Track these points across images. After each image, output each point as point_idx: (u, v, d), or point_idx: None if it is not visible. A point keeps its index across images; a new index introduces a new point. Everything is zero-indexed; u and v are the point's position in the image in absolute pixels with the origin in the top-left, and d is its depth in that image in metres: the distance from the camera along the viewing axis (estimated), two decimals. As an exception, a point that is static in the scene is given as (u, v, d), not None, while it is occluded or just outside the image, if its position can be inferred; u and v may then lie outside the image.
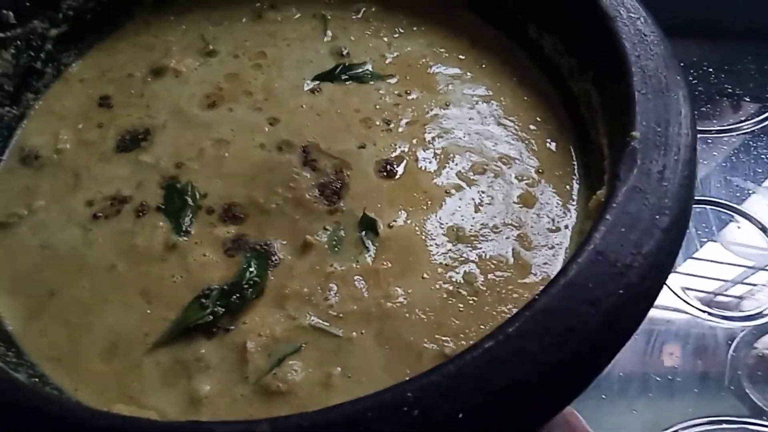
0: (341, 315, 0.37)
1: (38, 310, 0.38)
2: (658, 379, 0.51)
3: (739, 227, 0.61)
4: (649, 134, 0.33)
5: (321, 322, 0.37)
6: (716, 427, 0.49)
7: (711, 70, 0.71)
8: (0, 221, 0.42)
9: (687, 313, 0.56)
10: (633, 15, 0.39)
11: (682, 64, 0.73)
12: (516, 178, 0.43)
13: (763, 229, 0.60)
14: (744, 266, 0.60)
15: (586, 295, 0.27)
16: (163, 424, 0.24)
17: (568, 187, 0.42)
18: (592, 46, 0.41)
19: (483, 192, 0.42)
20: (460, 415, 0.24)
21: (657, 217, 0.30)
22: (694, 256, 0.59)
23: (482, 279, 0.38)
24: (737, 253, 0.61)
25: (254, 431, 0.24)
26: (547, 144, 0.45)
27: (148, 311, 0.38)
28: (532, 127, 0.46)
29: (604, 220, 0.29)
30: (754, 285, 0.59)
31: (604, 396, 0.50)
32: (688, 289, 0.57)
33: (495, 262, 0.39)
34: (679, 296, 0.57)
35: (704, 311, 0.56)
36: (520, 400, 0.25)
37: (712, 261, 0.59)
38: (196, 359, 0.36)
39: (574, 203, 0.42)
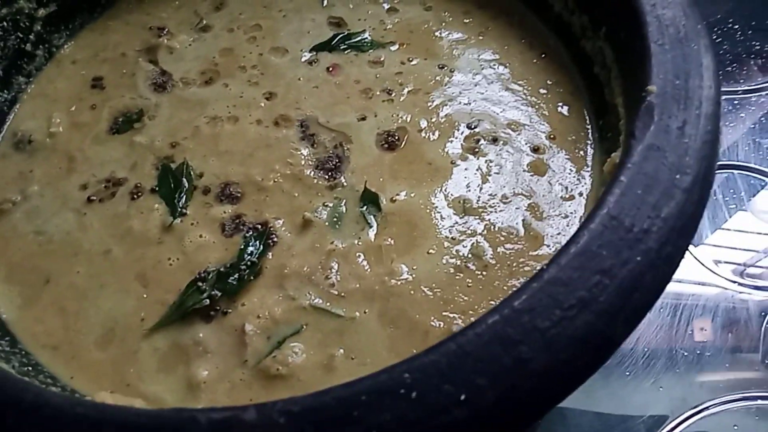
0: (343, 294, 0.35)
1: (33, 297, 0.37)
2: (686, 354, 0.48)
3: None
4: (667, 88, 0.30)
5: (322, 301, 0.35)
6: (750, 404, 0.46)
7: (737, 27, 0.66)
8: (-6, 208, 0.41)
9: (716, 285, 0.53)
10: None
11: (705, 23, 0.69)
12: (526, 144, 0.40)
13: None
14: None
15: (599, 264, 0.25)
16: (142, 412, 0.22)
17: (582, 152, 0.40)
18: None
19: (491, 161, 0.40)
20: (462, 397, 0.22)
21: (677, 176, 0.27)
22: (723, 225, 0.56)
23: (491, 252, 0.36)
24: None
25: (240, 418, 0.22)
26: (559, 108, 0.42)
27: (145, 296, 0.36)
28: (542, 90, 0.43)
29: (618, 181, 0.27)
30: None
31: (628, 373, 0.47)
32: (718, 260, 0.54)
33: (505, 234, 0.37)
34: (707, 267, 0.53)
35: (735, 282, 0.53)
36: (527, 380, 0.23)
37: (741, 230, 0.56)
38: (194, 343, 0.34)
39: (589, 169, 0.39)
